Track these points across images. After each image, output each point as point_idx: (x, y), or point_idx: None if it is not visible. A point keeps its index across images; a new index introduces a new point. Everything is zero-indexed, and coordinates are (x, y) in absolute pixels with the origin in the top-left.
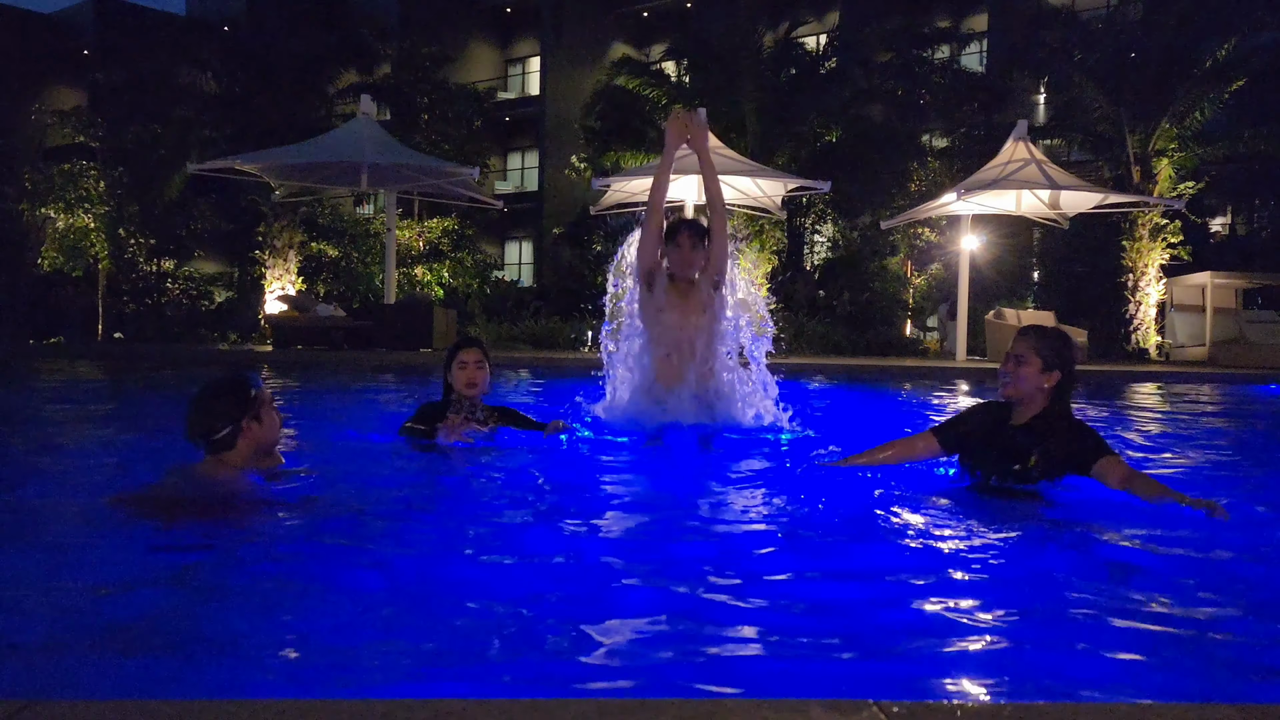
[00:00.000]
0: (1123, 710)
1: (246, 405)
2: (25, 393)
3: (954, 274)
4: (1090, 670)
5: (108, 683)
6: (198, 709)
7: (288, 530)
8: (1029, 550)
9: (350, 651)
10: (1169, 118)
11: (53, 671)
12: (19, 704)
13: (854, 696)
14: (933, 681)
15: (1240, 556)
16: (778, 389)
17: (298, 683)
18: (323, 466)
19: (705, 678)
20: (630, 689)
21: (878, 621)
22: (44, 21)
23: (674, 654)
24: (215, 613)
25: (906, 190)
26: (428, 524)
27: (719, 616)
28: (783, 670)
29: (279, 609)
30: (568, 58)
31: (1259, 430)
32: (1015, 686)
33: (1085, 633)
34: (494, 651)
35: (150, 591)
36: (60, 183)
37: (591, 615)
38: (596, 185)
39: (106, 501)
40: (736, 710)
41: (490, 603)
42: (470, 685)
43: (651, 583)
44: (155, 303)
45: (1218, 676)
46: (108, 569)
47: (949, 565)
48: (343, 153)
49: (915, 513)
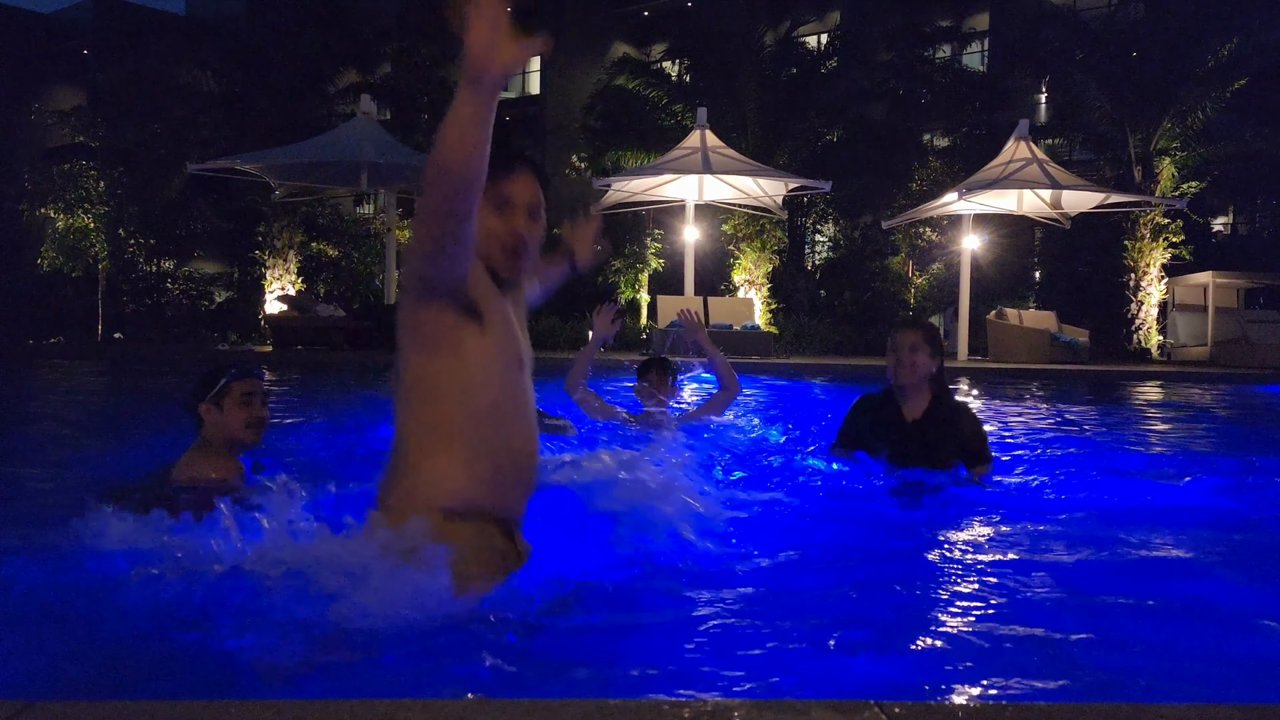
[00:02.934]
0: (1123, 710)
1: (207, 390)
2: (24, 391)
3: (955, 274)
4: (1091, 670)
5: (101, 685)
6: (198, 709)
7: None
8: (1029, 550)
9: (349, 652)
10: (1171, 117)
11: (51, 672)
12: (19, 704)
13: (855, 697)
14: (933, 682)
15: (1241, 556)
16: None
17: (295, 684)
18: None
19: (705, 678)
20: (630, 689)
21: (878, 622)
22: (44, 21)
23: (674, 654)
24: (202, 614)
25: (908, 190)
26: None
27: (719, 616)
28: (783, 670)
29: (272, 609)
30: (568, 57)
31: (1261, 430)
32: (1016, 686)
33: (1085, 632)
34: (494, 652)
35: (135, 593)
36: (60, 183)
37: (591, 615)
38: (597, 185)
39: (96, 499)
40: (736, 710)
41: (489, 603)
42: (470, 685)
43: (651, 583)
44: (155, 303)
45: (1220, 676)
46: (92, 572)
47: (949, 565)
48: (343, 153)
49: (915, 513)
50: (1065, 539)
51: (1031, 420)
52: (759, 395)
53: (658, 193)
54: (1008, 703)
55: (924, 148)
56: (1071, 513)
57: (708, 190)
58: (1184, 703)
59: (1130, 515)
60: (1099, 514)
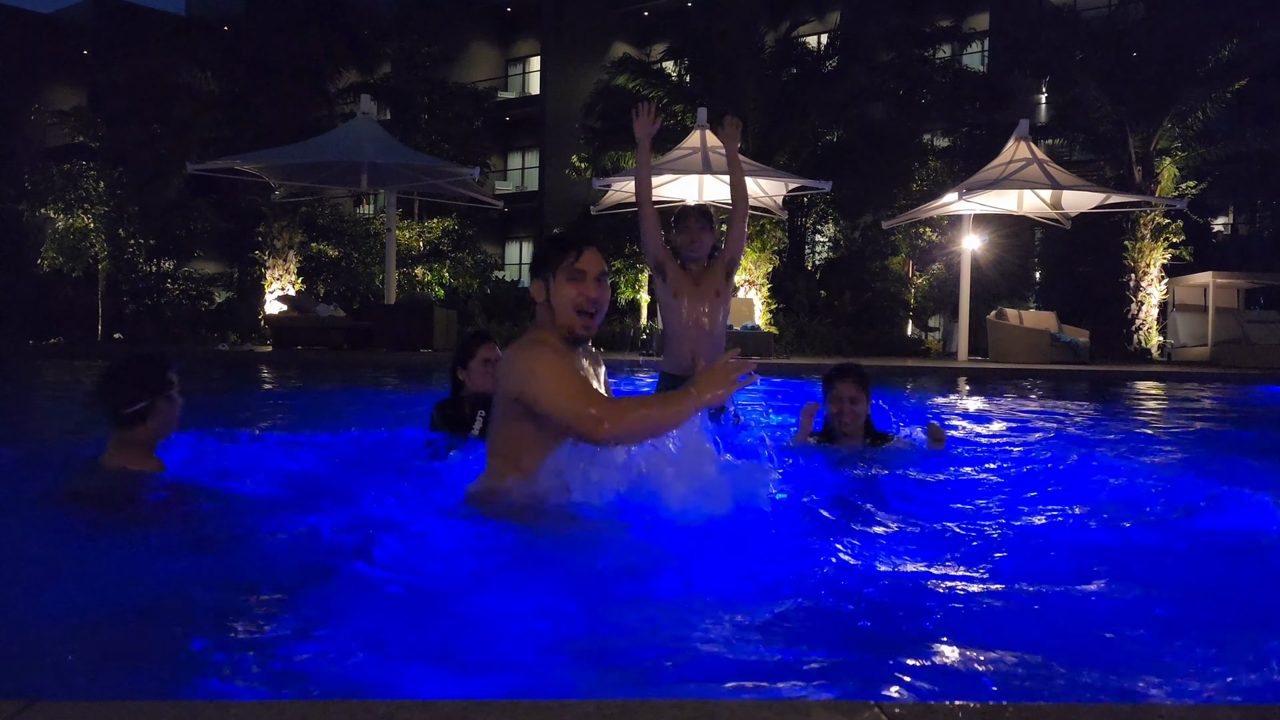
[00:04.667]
0: (1123, 710)
1: (163, 382)
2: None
3: (955, 274)
4: (1091, 670)
5: (101, 685)
6: (198, 709)
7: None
8: (1029, 550)
9: (350, 651)
10: (1171, 117)
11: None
12: (19, 704)
13: (855, 697)
14: (933, 682)
15: (1240, 557)
16: None
17: (295, 684)
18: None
19: (706, 678)
20: (630, 689)
21: (878, 622)
22: (44, 21)
23: (674, 654)
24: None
25: (908, 190)
26: (429, 525)
27: (719, 617)
28: (783, 670)
29: (273, 610)
30: (568, 57)
31: (1261, 431)
32: (1016, 686)
33: (1085, 633)
34: (493, 652)
35: (135, 592)
36: (60, 183)
37: (591, 616)
38: (597, 185)
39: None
40: (737, 710)
41: (488, 603)
42: (470, 685)
43: (651, 583)
44: (155, 303)
45: (1221, 677)
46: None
47: (949, 565)
48: (343, 153)
49: (915, 512)
50: (1065, 539)
51: (1032, 420)
52: (759, 395)
53: (658, 193)
54: (1008, 703)
55: (924, 148)
56: (1072, 513)
57: (708, 190)
58: (1184, 703)
59: (1130, 515)
60: (1099, 514)
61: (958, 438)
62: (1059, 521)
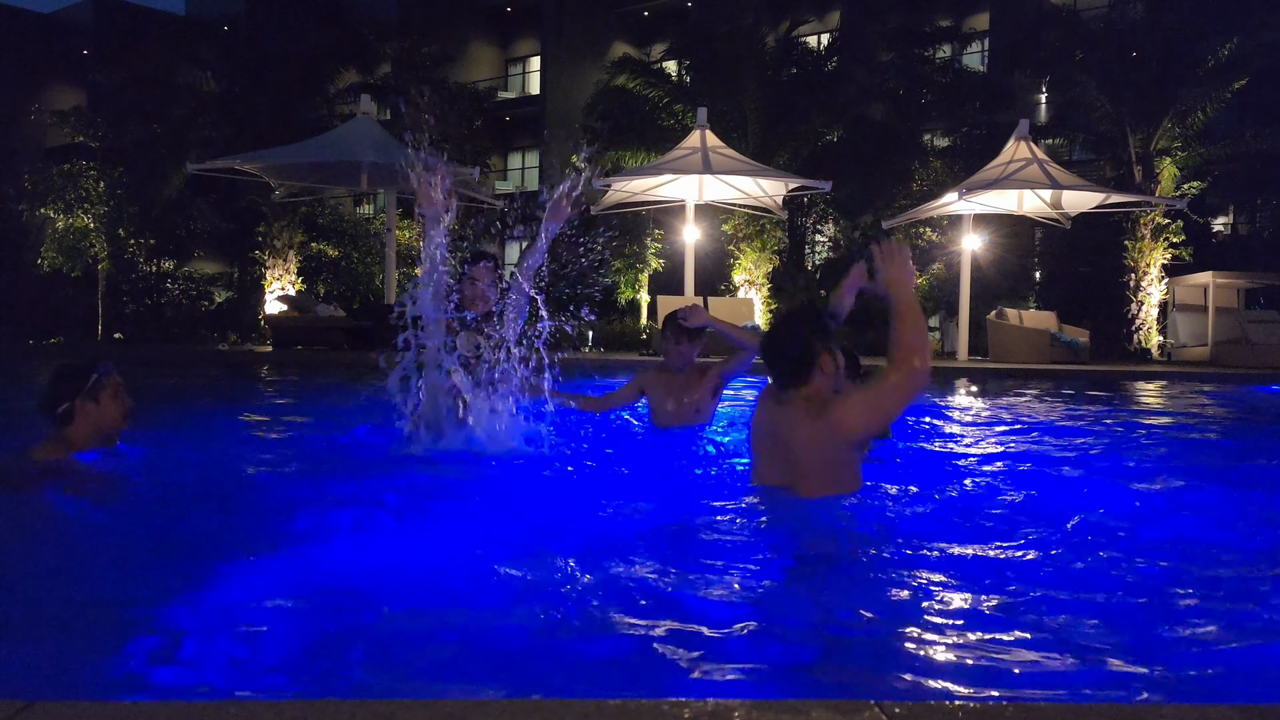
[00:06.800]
0: (1123, 710)
1: (83, 387)
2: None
3: (955, 274)
4: (1091, 670)
5: (100, 685)
6: (198, 709)
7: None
8: (1029, 550)
9: (347, 653)
10: (1171, 117)
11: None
12: (19, 704)
13: (855, 697)
14: (933, 682)
15: (1241, 556)
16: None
17: (295, 684)
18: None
19: (705, 678)
20: (630, 689)
21: (878, 622)
22: (44, 21)
23: (674, 654)
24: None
25: (908, 190)
26: (420, 519)
27: (719, 617)
28: (783, 670)
29: (273, 610)
30: (568, 57)
31: (1261, 431)
32: (1015, 686)
33: (1085, 632)
34: (494, 652)
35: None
36: (60, 183)
37: (590, 616)
38: (597, 185)
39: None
40: (737, 710)
41: (487, 603)
42: (470, 685)
43: (650, 583)
44: (155, 303)
45: (1221, 677)
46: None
47: (949, 565)
48: (343, 153)
49: (915, 513)
50: (1065, 539)
51: (1032, 420)
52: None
53: (658, 193)
54: (1008, 703)
55: (924, 148)
56: (1072, 513)
57: (708, 190)
58: (1184, 703)
59: (1131, 515)
60: (1099, 514)
61: (957, 436)
62: (1058, 521)
